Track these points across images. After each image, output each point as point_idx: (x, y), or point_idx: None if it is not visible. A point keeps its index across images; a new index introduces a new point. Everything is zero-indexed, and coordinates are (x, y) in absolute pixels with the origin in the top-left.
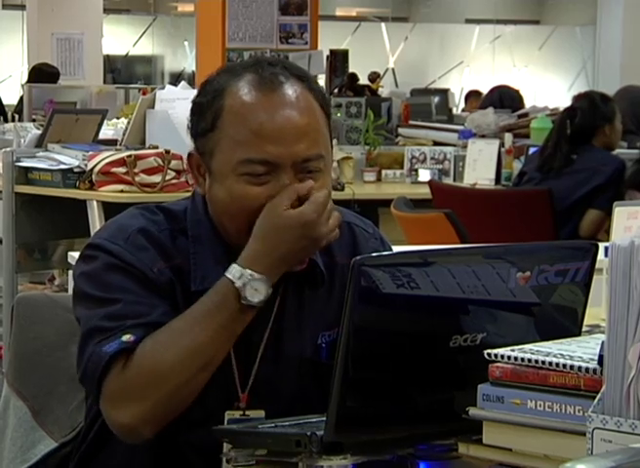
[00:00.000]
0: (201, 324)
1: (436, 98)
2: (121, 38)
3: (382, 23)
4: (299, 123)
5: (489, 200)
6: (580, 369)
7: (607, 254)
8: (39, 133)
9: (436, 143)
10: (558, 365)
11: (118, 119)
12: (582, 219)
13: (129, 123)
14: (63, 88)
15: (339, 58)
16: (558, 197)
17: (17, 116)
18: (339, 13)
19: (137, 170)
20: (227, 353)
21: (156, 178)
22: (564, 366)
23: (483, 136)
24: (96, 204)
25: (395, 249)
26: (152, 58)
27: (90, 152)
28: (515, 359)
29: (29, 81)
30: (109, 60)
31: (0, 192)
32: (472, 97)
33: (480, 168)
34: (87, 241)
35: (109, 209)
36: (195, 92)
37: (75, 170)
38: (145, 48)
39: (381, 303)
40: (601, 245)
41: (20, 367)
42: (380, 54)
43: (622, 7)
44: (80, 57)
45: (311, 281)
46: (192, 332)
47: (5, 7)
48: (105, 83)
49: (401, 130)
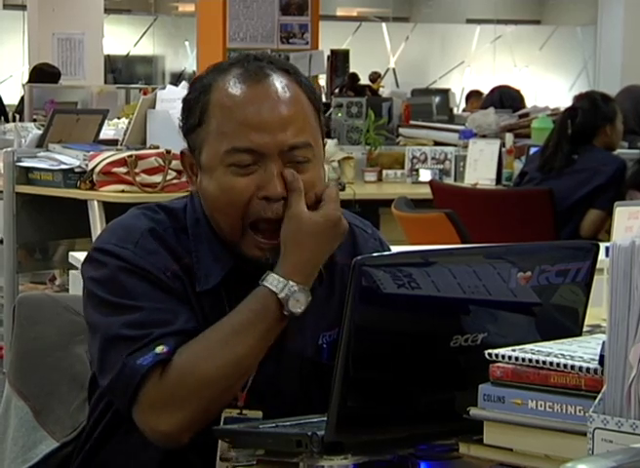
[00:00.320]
0: (240, 335)
1: (437, 98)
2: (122, 38)
3: (383, 23)
4: (284, 112)
5: (490, 200)
6: (581, 369)
7: (608, 255)
8: (40, 133)
9: (437, 143)
10: (559, 365)
11: (119, 119)
12: (583, 219)
13: (130, 123)
14: (64, 88)
15: (339, 58)
16: (559, 197)
17: (17, 116)
18: (339, 13)
19: (137, 170)
20: None
21: (157, 178)
22: (565, 366)
23: (484, 137)
24: (96, 204)
25: (396, 249)
26: (153, 59)
27: (91, 152)
28: (516, 359)
29: (30, 81)
30: (110, 60)
31: (1, 192)
32: (473, 97)
33: (481, 168)
34: (87, 241)
35: (110, 209)
36: None
37: (76, 170)
38: (146, 48)
39: (382, 303)
40: (602, 245)
41: (22, 367)
42: (381, 54)
43: (623, 7)
44: (81, 57)
45: None
46: (232, 344)
47: (6, 7)
48: (106, 83)
49: (402, 130)
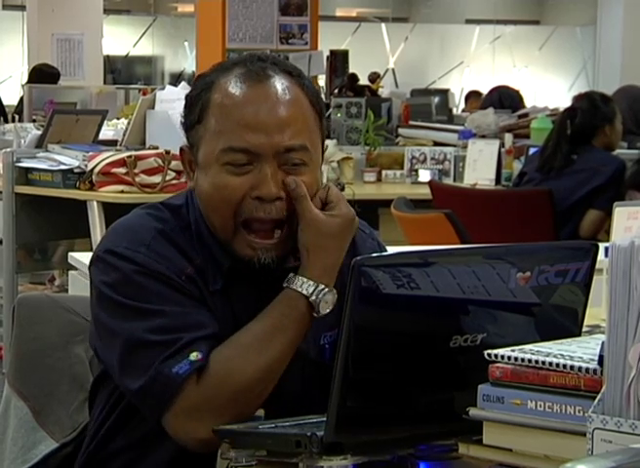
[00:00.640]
0: (274, 339)
1: (436, 99)
2: (121, 38)
3: (383, 24)
4: (282, 113)
5: (489, 200)
6: (581, 369)
7: (607, 255)
8: (39, 133)
9: (436, 144)
10: (558, 365)
11: (118, 119)
12: (583, 220)
13: (129, 123)
14: (64, 88)
15: (339, 58)
16: (558, 197)
17: (17, 117)
18: (339, 13)
19: (137, 170)
20: None
21: (156, 179)
22: (564, 366)
23: (483, 137)
24: (96, 204)
25: (395, 249)
26: (152, 59)
27: (90, 153)
28: (515, 359)
29: (29, 81)
30: (109, 61)
31: (0, 193)
32: (472, 97)
33: (480, 168)
34: (87, 241)
35: (109, 209)
36: None
37: (75, 170)
38: (145, 48)
39: (382, 304)
40: (601, 245)
41: (21, 367)
42: (381, 54)
43: (623, 7)
44: (80, 57)
45: None
46: (266, 348)
47: (5, 7)
48: (106, 83)
49: (401, 130)
